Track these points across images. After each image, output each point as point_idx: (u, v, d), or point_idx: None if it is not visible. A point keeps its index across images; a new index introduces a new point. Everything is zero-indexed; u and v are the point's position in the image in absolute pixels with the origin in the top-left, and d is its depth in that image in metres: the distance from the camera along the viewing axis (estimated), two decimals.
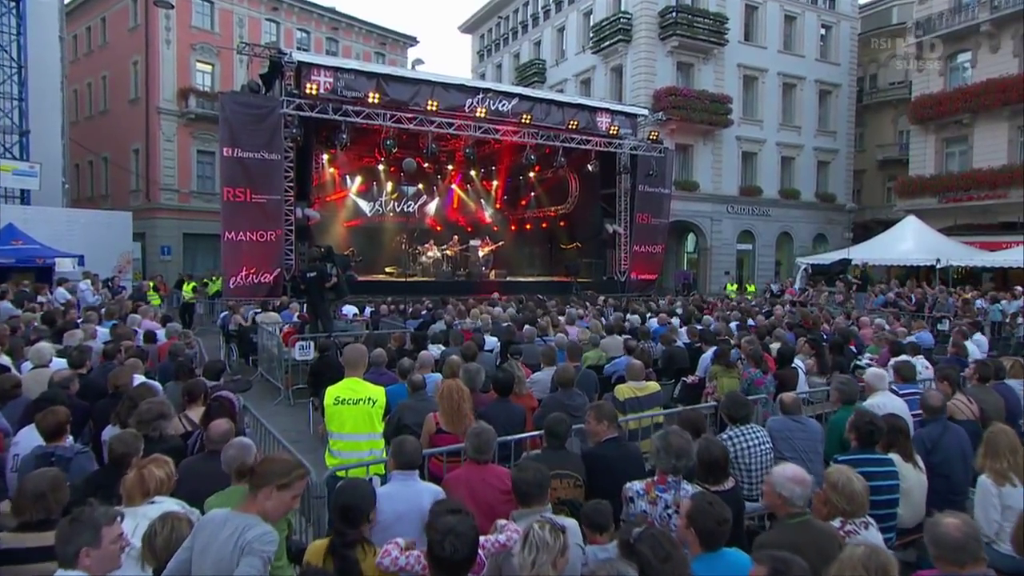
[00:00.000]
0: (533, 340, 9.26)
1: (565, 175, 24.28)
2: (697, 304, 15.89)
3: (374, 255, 24.22)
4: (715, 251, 27.75)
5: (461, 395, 4.69)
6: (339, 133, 17.16)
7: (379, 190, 25.86)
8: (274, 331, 10.25)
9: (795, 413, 4.64)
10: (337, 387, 4.16)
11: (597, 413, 4.19)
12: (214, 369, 5.34)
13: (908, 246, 20.73)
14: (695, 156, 27.14)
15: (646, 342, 9.42)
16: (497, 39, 37.67)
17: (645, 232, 22.55)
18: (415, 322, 12.53)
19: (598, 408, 4.20)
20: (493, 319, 11.37)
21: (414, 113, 18.07)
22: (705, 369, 8.28)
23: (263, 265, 16.56)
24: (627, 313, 13.89)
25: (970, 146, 22.89)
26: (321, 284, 9.61)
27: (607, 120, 21.26)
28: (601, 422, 4.15)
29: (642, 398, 5.62)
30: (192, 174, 26.49)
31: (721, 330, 10.43)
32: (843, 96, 30.19)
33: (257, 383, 10.38)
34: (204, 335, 15.68)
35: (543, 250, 27.01)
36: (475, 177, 26.58)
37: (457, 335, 8.73)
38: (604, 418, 4.14)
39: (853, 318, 12.82)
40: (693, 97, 25.55)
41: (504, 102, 19.44)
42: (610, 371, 8.37)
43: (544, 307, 14.86)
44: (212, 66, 26.79)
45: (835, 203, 30.32)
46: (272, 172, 16.54)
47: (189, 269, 24.78)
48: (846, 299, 18.61)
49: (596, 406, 4.25)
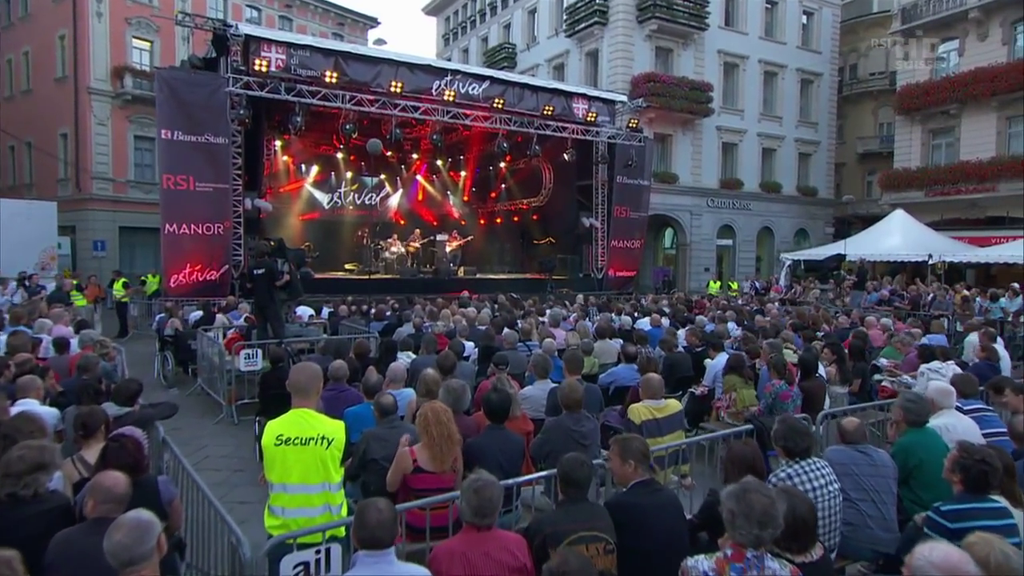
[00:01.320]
0: (515, 345, 8.40)
1: (539, 165, 23.64)
2: (684, 303, 15.27)
3: (332, 251, 23.35)
4: (694, 247, 27.36)
5: (447, 422, 3.80)
6: (293, 116, 16.06)
7: (338, 180, 24.86)
8: (215, 337, 9.17)
9: (859, 442, 3.88)
10: (280, 422, 3.21)
11: (622, 450, 3.36)
12: (126, 392, 4.32)
13: (896, 241, 20.49)
14: (674, 147, 26.68)
15: (644, 347, 8.65)
16: (464, 21, 36.67)
17: (623, 226, 22.00)
18: (379, 324, 11.59)
19: (623, 445, 3.37)
20: (468, 321, 10.46)
21: (376, 95, 17.09)
22: (714, 378, 7.57)
23: (208, 261, 15.41)
24: (612, 314, 13.16)
25: (957, 138, 22.85)
26: (271, 282, 8.58)
27: (584, 106, 20.58)
28: (627, 462, 3.32)
29: (662, 420, 4.81)
30: (129, 162, 24.83)
31: (721, 332, 9.74)
32: (824, 86, 30.10)
33: (196, 397, 9.30)
34: (139, 341, 14.51)
35: (515, 246, 26.34)
36: (442, 167, 25.72)
37: (430, 340, 7.82)
38: (631, 457, 3.31)
39: (855, 317, 12.29)
40: (673, 84, 25.04)
41: (474, 85, 18.59)
42: (606, 381, 7.58)
43: (521, 307, 14.08)
44: (151, 43, 25.14)
45: (817, 197, 30.28)
46: (218, 158, 15.40)
47: (127, 267, 23.28)
48: (837, 296, 18.26)
49: (621, 441, 3.41)
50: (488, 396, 4.19)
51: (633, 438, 3.48)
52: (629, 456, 3.34)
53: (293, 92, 15.85)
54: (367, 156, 24.21)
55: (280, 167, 21.92)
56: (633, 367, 7.55)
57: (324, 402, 5.74)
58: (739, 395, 6.69)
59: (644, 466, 3.36)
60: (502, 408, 4.18)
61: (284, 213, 22.83)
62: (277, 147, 20.98)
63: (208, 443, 7.27)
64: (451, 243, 23.19)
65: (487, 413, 4.18)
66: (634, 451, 3.35)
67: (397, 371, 5.85)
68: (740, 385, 6.69)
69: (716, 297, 16.98)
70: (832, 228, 30.46)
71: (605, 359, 9.07)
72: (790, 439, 3.58)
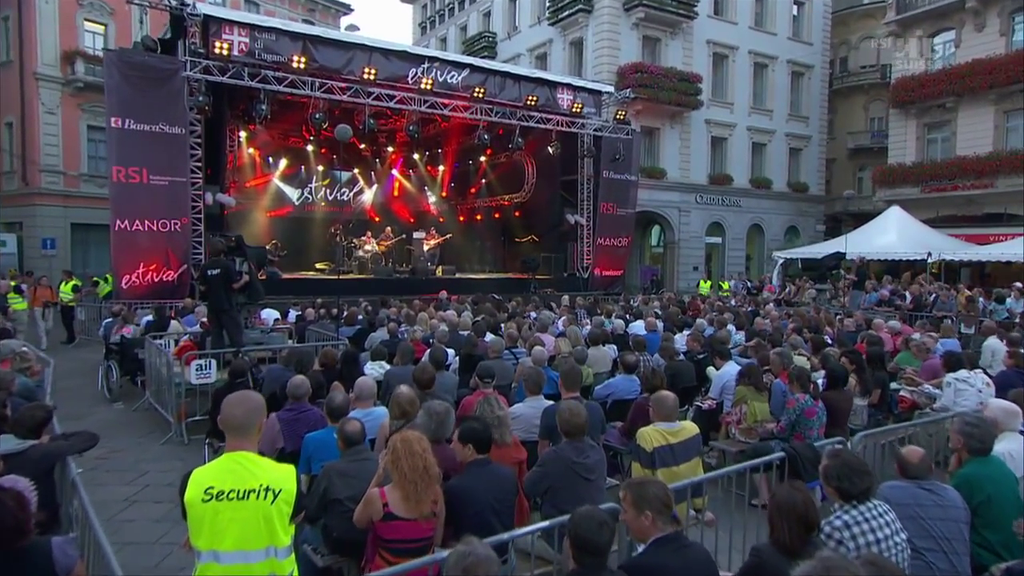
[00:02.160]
0: (501, 354, 7.77)
1: (521, 159, 23.13)
2: (678, 304, 14.75)
3: (302, 249, 22.64)
4: (683, 244, 27.00)
5: (422, 453, 3.17)
6: (257, 104, 15.27)
7: (308, 175, 24.10)
8: (164, 345, 8.41)
9: (924, 477, 3.31)
10: (210, 469, 2.52)
11: (637, 498, 2.76)
12: (29, 421, 3.60)
13: (892, 239, 20.22)
14: (662, 140, 26.27)
15: (642, 354, 8.08)
16: (441, 9, 35.95)
17: (610, 223, 21.53)
18: (350, 330, 10.91)
19: (638, 492, 2.77)
20: (449, 326, 9.81)
21: (348, 83, 16.36)
22: (721, 389, 7.01)
23: (164, 260, 14.62)
24: (603, 316, 12.59)
25: (953, 132, 22.67)
26: (227, 284, 7.84)
27: (569, 97, 20.06)
28: (644, 513, 2.73)
29: (676, 446, 4.21)
30: (81, 154, 23.72)
31: (724, 338, 9.20)
32: (816, 78, 29.91)
33: (143, 413, 8.53)
34: (88, 348, 13.65)
35: (496, 244, 25.84)
36: (419, 161, 25.12)
37: (406, 349, 7.16)
38: (649, 507, 2.72)
39: (859, 319, 11.85)
40: (661, 75, 24.60)
41: (453, 73, 17.96)
42: (602, 394, 7.00)
43: (504, 309, 13.46)
44: (104, 26, 24.04)
45: (807, 193, 30.10)
46: (175, 149, 14.60)
47: (80, 267, 22.27)
48: (833, 296, 17.91)
49: (635, 488, 2.81)
50: (468, 427, 3.55)
51: (649, 483, 2.87)
52: (646, 506, 2.73)
53: (257, 78, 15.09)
54: (339, 149, 23.69)
55: (245, 160, 21.10)
56: (632, 378, 6.98)
57: (283, 426, 5.09)
58: (751, 408, 6.15)
59: (665, 517, 2.76)
60: (484, 438, 3.55)
61: (251, 209, 22.11)
62: (242, 138, 20.13)
63: (151, 468, 6.55)
64: (428, 241, 22.60)
65: (469, 443, 3.54)
66: (652, 499, 2.74)
67: (365, 387, 5.20)
68: (752, 397, 6.14)
69: (709, 297, 16.49)
70: (823, 226, 30.36)
71: (599, 367, 8.49)
72: (846, 478, 2.99)
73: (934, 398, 7.11)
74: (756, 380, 6.07)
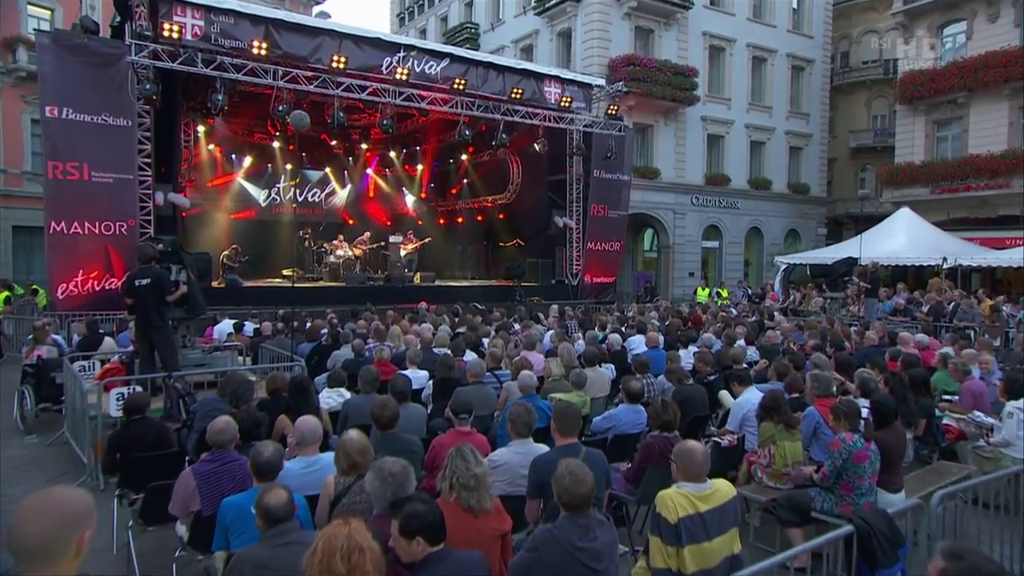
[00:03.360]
0: (482, 377, 6.86)
1: (505, 157, 22.43)
2: (678, 315, 13.93)
3: (269, 254, 21.80)
4: (678, 249, 26.37)
5: (361, 567, 2.24)
6: (214, 94, 14.29)
7: (276, 174, 23.08)
8: (87, 368, 7.41)
9: None
10: None
11: None
12: None
13: (900, 243, 19.61)
14: (656, 138, 25.64)
15: (645, 377, 7.21)
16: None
17: (601, 226, 20.83)
18: (310, 346, 9.97)
19: None
20: (423, 342, 8.90)
21: (315, 72, 15.42)
22: (740, 422, 6.15)
23: (106, 267, 13.67)
24: (597, 329, 11.74)
25: (965, 129, 22.17)
26: (160, 296, 6.87)
27: (557, 90, 19.30)
28: None
29: (708, 516, 3.31)
30: (24, 149, 22.52)
31: (737, 356, 8.36)
32: (817, 73, 29.42)
33: (60, 448, 7.50)
34: (14, 367, 12.52)
35: (478, 248, 25.05)
36: (395, 159, 24.29)
37: (368, 376, 6.22)
38: None
39: (878, 331, 11.07)
40: (654, 68, 23.94)
41: (432, 63, 17.14)
42: (601, 427, 6.11)
43: (488, 320, 12.57)
44: (51, 11, 22.91)
45: (808, 195, 29.61)
46: (120, 143, 13.72)
47: (23, 274, 21.16)
48: (843, 305, 17.22)
49: None
50: (411, 513, 2.62)
51: None
52: None
53: (213, 65, 14.10)
54: (309, 146, 22.84)
55: (204, 157, 20.08)
56: (637, 409, 6.10)
57: (200, 482, 4.14)
58: (780, 449, 5.29)
59: None
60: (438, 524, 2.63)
61: (212, 211, 21.18)
62: (200, 133, 19.09)
63: None
64: (406, 246, 21.73)
65: (419, 533, 2.60)
66: None
67: (306, 430, 4.26)
68: (781, 435, 5.28)
69: (710, 307, 15.70)
70: (825, 229, 29.90)
71: (596, 391, 7.62)
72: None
73: (989, 428, 6.31)
74: (786, 416, 5.21)
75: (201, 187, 20.73)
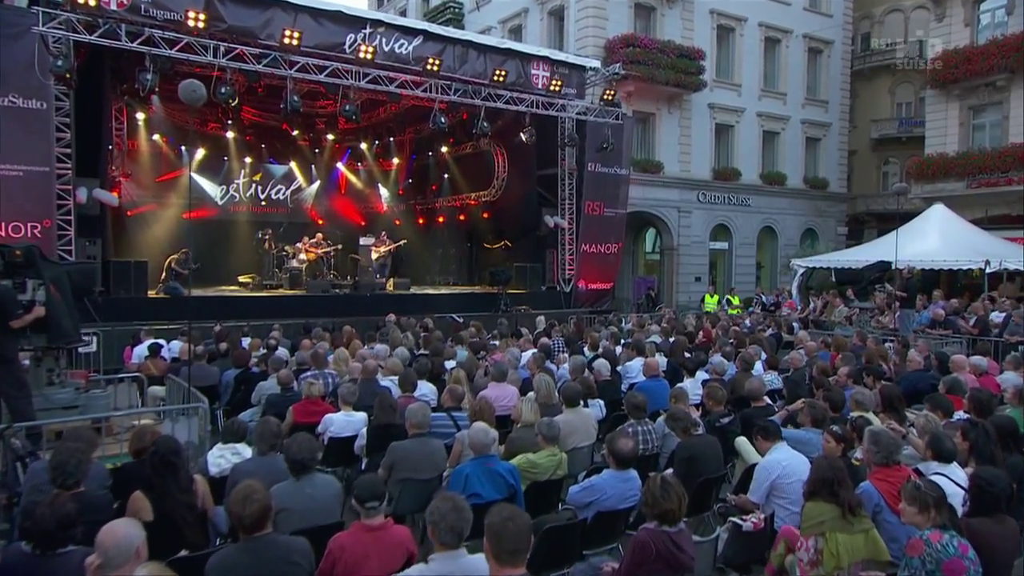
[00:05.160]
0: (425, 428, 5.52)
1: (490, 149, 21.31)
2: (682, 330, 12.58)
3: (226, 258, 20.79)
4: (683, 251, 25.26)
5: None
6: (143, 74, 12.99)
7: (237, 169, 21.82)
8: None
9: None
10: None
11: None
12: None
13: (933, 244, 18.35)
14: (658, 128, 24.50)
15: (643, 426, 5.88)
16: None
17: (596, 226, 19.78)
18: (233, 373, 8.67)
19: None
20: (366, 371, 7.57)
21: (265, 49, 14.13)
22: (767, 492, 4.81)
23: None
24: (586, 348, 10.43)
25: (1005, 115, 20.94)
26: (2, 321, 5.52)
27: (546, 73, 18.12)
28: None
29: None
30: None
31: (756, 389, 7.01)
32: (836, 56, 28.27)
33: None
34: None
35: (461, 251, 24.07)
36: (367, 152, 22.99)
37: (267, 430, 4.87)
38: None
39: (921, 350, 9.73)
40: (656, 49, 22.77)
41: (402, 41, 16.00)
42: (578, 501, 4.80)
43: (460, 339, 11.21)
44: None
45: (827, 190, 28.59)
46: (32, 129, 12.57)
47: None
48: (872, 316, 15.94)
49: None
50: None
51: None
52: None
53: (141, 39, 12.77)
54: (269, 137, 21.61)
55: (147, 149, 18.89)
56: (629, 476, 4.76)
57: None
58: (830, 542, 3.93)
59: None
60: None
61: (161, 210, 19.95)
62: (140, 121, 17.80)
63: None
64: (377, 249, 20.47)
65: None
66: None
67: (110, 545, 2.89)
68: (835, 525, 3.92)
69: (721, 318, 14.43)
70: (846, 228, 28.90)
71: (578, 440, 6.29)
72: None
73: None
74: (844, 496, 3.87)
75: (146, 183, 19.60)
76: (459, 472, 4.87)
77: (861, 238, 27.48)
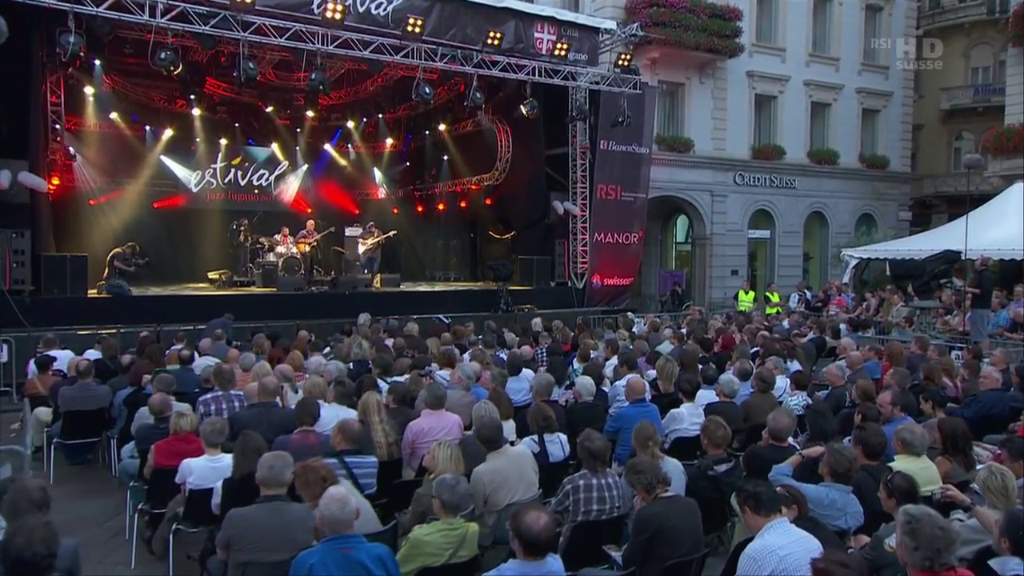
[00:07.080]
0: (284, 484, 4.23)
1: (492, 127, 20.37)
2: (701, 334, 11.15)
3: (196, 252, 20.24)
4: (717, 240, 24.32)
5: None
6: (63, 35, 12.06)
7: (210, 152, 21.15)
8: None
9: None
10: None
11: None
12: None
13: (1013, 230, 16.95)
14: (687, 100, 23.58)
15: (600, 479, 4.52)
16: None
17: (612, 213, 18.89)
18: (127, 392, 7.62)
19: None
20: (259, 391, 6.39)
21: (213, 8, 13.13)
22: None
23: None
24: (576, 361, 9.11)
25: None
26: None
27: (551, 36, 16.95)
28: None
29: None
30: None
31: (782, 429, 5.53)
32: (898, 14, 26.81)
33: None
34: None
35: (462, 242, 23.17)
36: (354, 131, 22.14)
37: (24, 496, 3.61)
38: None
39: (997, 363, 8.25)
40: (685, 10, 21.68)
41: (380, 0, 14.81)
42: None
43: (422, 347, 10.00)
44: None
45: (887, 170, 27.36)
46: None
47: None
48: (937, 317, 14.39)
49: None
50: None
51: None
52: None
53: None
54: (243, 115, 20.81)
55: (100, 129, 18.17)
56: (547, 571, 3.40)
57: None
58: None
59: None
60: None
61: (126, 198, 19.31)
62: (89, 96, 17.00)
63: None
64: (365, 240, 19.44)
65: None
66: None
67: None
68: None
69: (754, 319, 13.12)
70: (909, 213, 27.76)
71: (512, 495, 4.93)
72: None
73: None
74: None
75: (108, 168, 18.98)
76: (302, 561, 3.59)
77: (929, 224, 26.66)
